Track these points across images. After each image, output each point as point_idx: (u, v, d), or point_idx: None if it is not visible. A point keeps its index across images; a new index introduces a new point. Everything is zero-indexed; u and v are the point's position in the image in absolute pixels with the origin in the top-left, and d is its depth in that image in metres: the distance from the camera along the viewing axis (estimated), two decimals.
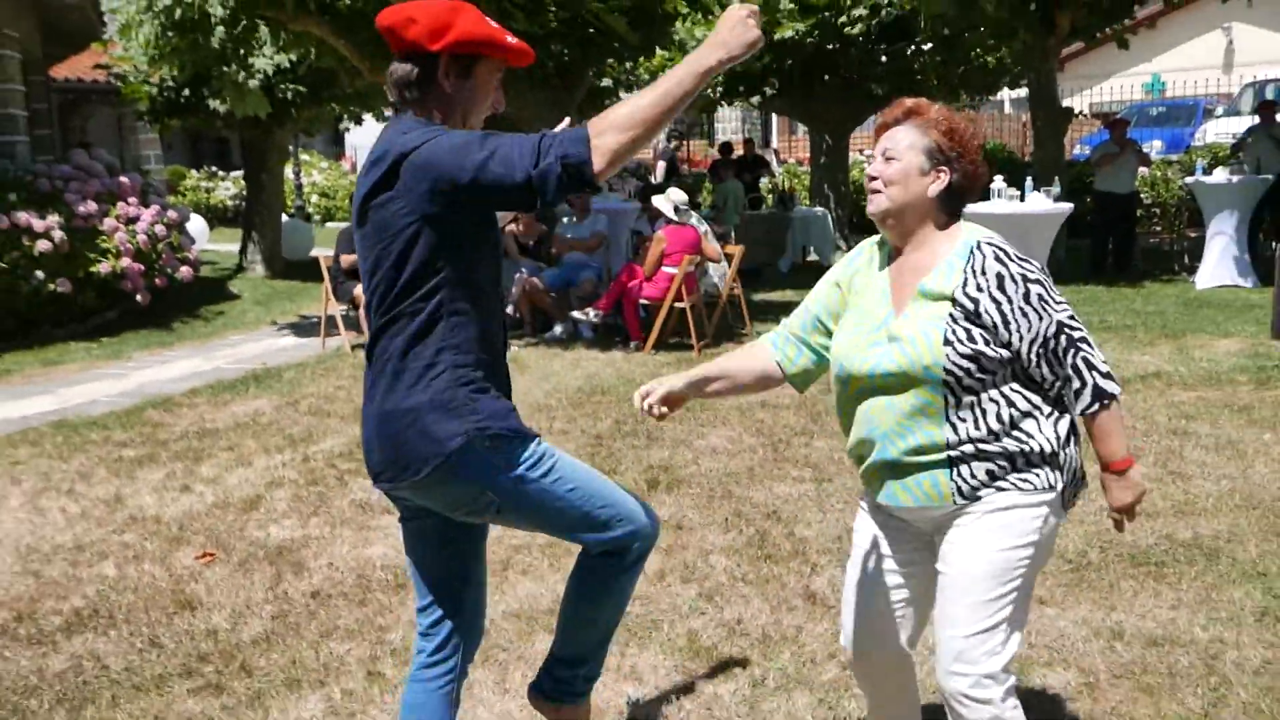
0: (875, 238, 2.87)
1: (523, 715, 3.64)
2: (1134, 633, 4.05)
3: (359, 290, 10.90)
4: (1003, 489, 2.60)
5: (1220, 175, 12.83)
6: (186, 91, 15.59)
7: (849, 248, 16.45)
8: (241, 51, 11.23)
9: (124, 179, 13.25)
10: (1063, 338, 2.56)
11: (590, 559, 2.91)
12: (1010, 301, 2.56)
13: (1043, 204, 9.18)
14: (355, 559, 5.16)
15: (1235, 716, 3.50)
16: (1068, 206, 9.56)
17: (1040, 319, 2.56)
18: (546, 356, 9.87)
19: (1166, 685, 3.68)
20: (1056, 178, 12.69)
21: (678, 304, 9.92)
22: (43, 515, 6.02)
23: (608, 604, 3.01)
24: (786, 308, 12.24)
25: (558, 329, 10.95)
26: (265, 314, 13.53)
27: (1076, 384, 2.56)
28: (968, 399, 2.58)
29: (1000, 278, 2.57)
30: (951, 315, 2.57)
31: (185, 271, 13.38)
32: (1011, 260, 2.62)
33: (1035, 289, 2.59)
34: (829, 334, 2.88)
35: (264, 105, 12.41)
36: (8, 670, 4.19)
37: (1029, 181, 10.60)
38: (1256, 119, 14.22)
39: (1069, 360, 2.55)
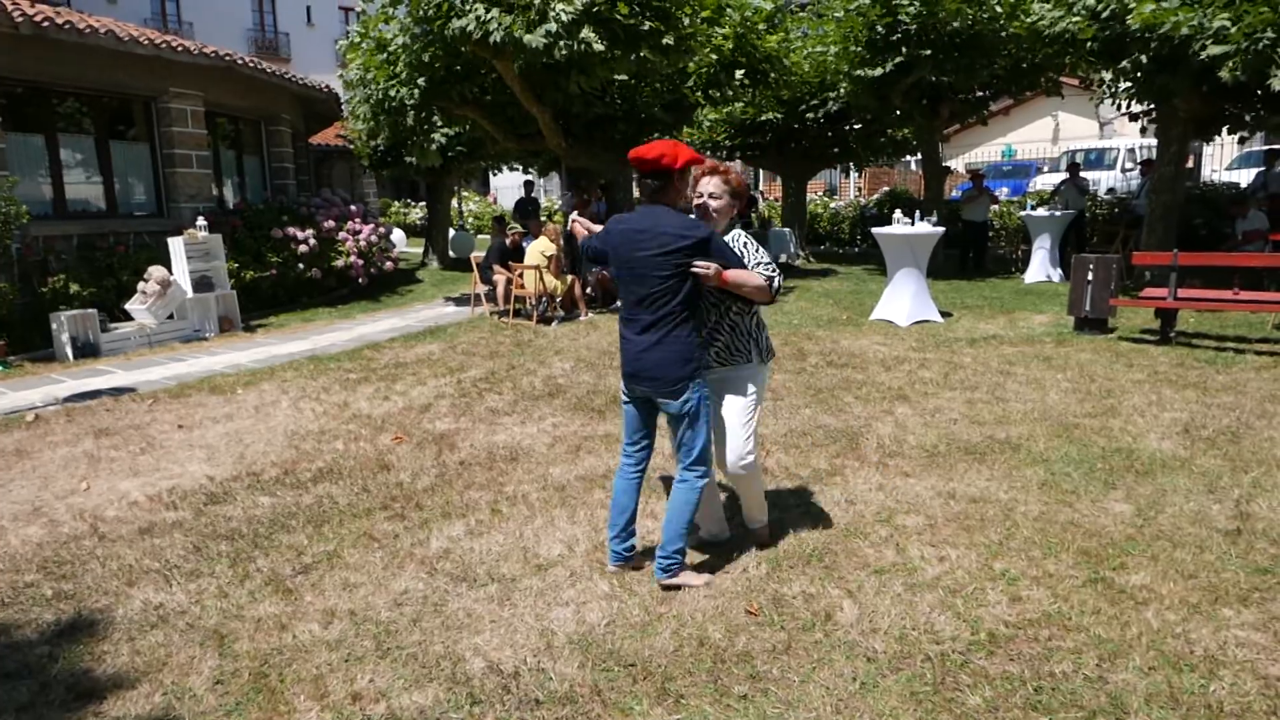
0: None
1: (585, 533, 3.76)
2: (962, 494, 4.10)
3: (496, 279, 11.00)
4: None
5: (1043, 211, 12.55)
6: (391, 154, 15.67)
7: (803, 253, 16.20)
8: (425, 127, 11.28)
9: (353, 207, 13.29)
10: None
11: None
12: None
13: (926, 228, 9.14)
14: (487, 442, 5.24)
15: (1019, 543, 3.55)
16: (942, 229, 9.48)
17: None
18: (613, 320, 9.92)
19: (979, 525, 3.73)
20: (936, 211, 12.49)
21: None
22: (300, 412, 6.16)
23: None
24: None
25: (618, 303, 10.96)
26: (438, 292, 13.62)
27: None
28: None
29: None
30: None
31: (389, 265, 13.47)
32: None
33: None
34: None
35: (438, 159, 12.47)
36: (279, 503, 4.33)
37: (917, 213, 10.46)
38: (1066, 175, 13.91)
39: None
